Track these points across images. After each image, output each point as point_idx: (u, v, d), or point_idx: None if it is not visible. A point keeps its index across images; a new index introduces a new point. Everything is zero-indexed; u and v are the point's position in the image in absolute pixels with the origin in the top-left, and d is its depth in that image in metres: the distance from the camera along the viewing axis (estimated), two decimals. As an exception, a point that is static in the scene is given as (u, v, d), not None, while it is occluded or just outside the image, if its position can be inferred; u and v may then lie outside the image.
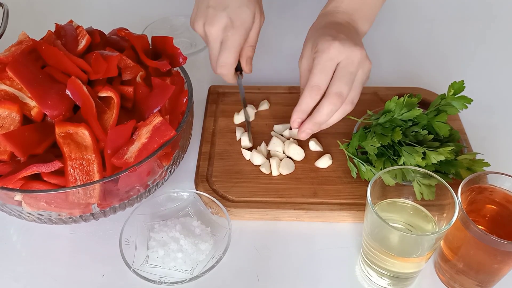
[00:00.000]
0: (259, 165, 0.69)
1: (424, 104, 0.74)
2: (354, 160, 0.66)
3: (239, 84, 0.74)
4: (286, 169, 0.68)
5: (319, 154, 0.70)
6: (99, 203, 0.58)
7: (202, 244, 0.59)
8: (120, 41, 0.69)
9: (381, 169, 0.63)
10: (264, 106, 0.78)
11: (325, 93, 0.61)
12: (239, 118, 0.76)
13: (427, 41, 0.95)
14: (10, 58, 0.59)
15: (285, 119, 0.76)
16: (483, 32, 0.98)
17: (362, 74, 0.62)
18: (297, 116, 0.63)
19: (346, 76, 0.60)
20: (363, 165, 0.65)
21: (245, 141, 0.72)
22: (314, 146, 0.71)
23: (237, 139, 0.73)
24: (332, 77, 0.61)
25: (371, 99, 0.78)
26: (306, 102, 0.62)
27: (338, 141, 0.70)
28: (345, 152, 0.68)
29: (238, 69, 0.72)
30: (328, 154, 0.70)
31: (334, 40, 0.61)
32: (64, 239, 0.63)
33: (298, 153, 0.69)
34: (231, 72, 0.69)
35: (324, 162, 0.69)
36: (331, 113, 0.62)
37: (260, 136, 0.73)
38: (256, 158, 0.69)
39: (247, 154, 0.70)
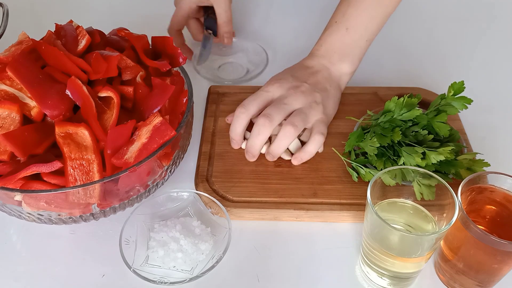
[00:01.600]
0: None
1: (424, 104, 0.74)
2: (352, 164, 0.66)
3: (206, 42, 0.80)
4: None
5: (320, 155, 0.70)
6: (99, 203, 0.58)
7: (202, 244, 0.59)
8: (120, 41, 0.69)
9: (381, 169, 0.63)
10: None
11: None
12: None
13: (427, 41, 0.95)
14: (10, 58, 0.59)
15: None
16: (483, 32, 0.98)
17: (311, 111, 0.68)
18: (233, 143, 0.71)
19: (277, 104, 0.67)
20: (362, 168, 0.65)
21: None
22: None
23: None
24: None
25: (371, 99, 0.78)
26: (235, 121, 0.70)
27: (333, 148, 0.70)
28: (343, 159, 0.68)
29: (208, 28, 0.76)
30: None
31: (278, 80, 0.70)
32: (64, 239, 0.63)
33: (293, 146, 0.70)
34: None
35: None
36: (260, 136, 0.67)
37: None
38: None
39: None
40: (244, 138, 0.71)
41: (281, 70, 0.74)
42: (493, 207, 0.55)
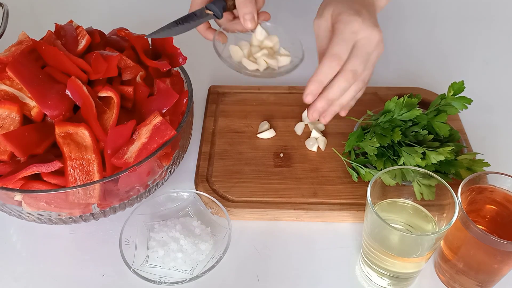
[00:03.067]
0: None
1: (424, 104, 0.74)
2: (352, 164, 0.66)
3: (185, 19, 0.69)
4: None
5: (320, 155, 0.70)
6: (99, 203, 0.58)
7: (202, 244, 0.59)
8: (120, 41, 0.69)
9: (381, 169, 0.63)
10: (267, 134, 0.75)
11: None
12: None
13: (427, 41, 0.95)
14: (10, 58, 0.59)
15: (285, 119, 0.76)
16: (483, 32, 0.98)
17: (376, 56, 0.61)
18: (313, 87, 0.60)
19: (363, 55, 0.59)
20: (362, 168, 0.65)
21: None
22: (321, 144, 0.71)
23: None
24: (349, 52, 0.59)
25: (371, 99, 0.78)
26: (324, 72, 0.59)
27: (333, 148, 0.70)
28: (343, 159, 0.68)
29: (209, 8, 0.69)
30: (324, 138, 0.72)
31: (358, 16, 0.59)
32: (64, 239, 0.63)
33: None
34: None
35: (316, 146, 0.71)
36: (344, 91, 0.60)
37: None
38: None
39: None
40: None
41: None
42: (493, 207, 0.55)
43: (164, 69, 0.66)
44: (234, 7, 0.72)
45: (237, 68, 0.69)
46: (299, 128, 0.74)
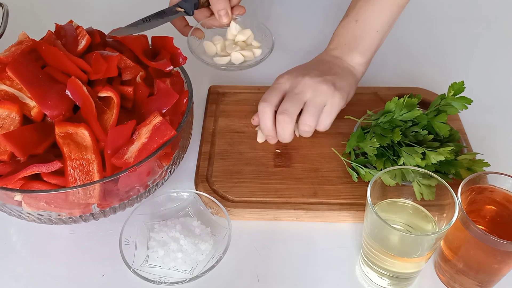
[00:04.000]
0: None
1: (424, 104, 0.74)
2: (352, 164, 0.66)
3: (156, 16, 0.73)
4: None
5: (320, 155, 0.70)
6: (99, 203, 0.58)
7: (202, 244, 0.59)
8: (119, 45, 0.68)
9: (381, 169, 0.63)
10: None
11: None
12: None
13: (427, 41, 0.95)
14: (10, 58, 0.59)
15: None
16: (483, 32, 0.98)
17: (330, 106, 0.67)
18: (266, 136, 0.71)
19: (290, 97, 0.67)
20: (362, 168, 0.65)
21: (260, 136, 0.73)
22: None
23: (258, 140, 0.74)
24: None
25: (371, 99, 0.78)
26: (261, 117, 0.69)
27: (333, 148, 0.70)
28: (343, 160, 0.68)
29: (181, 6, 0.72)
30: None
31: (286, 72, 0.71)
32: (64, 239, 0.63)
33: None
34: None
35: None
36: (284, 131, 0.68)
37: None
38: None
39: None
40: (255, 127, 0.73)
41: (281, 70, 0.73)
42: (493, 207, 0.55)
43: (167, 69, 0.65)
44: (208, 4, 0.77)
45: (211, 63, 0.75)
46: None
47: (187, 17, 0.78)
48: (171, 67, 0.66)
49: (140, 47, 0.67)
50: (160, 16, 0.75)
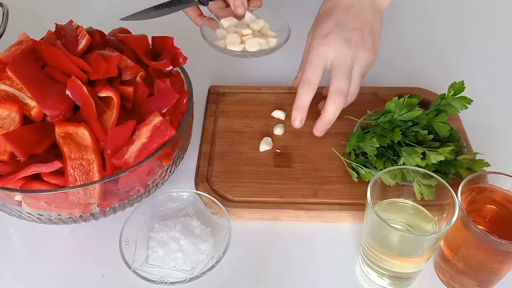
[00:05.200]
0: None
1: (424, 104, 0.74)
2: (352, 164, 0.66)
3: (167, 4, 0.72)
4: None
5: (320, 155, 0.70)
6: (99, 203, 0.58)
7: (202, 244, 0.59)
8: (119, 44, 0.69)
9: (381, 169, 0.63)
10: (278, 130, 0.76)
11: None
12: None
13: (427, 41, 0.95)
14: (10, 58, 0.59)
15: (287, 119, 0.76)
16: (483, 32, 0.98)
17: (358, 67, 0.65)
18: (296, 114, 0.66)
19: (342, 73, 0.63)
20: (362, 168, 0.65)
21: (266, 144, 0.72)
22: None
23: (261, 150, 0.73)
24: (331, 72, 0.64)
25: (371, 99, 0.78)
26: (300, 98, 0.65)
27: (333, 149, 0.70)
28: (343, 160, 0.68)
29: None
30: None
31: (325, 38, 0.64)
32: (64, 239, 0.63)
33: None
34: None
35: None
36: (338, 110, 0.65)
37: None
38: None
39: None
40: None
41: (281, 70, 0.73)
42: (493, 207, 0.55)
43: (166, 69, 0.65)
44: None
45: (223, 50, 0.73)
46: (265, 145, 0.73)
47: (201, 7, 0.77)
48: (171, 67, 0.66)
49: (141, 47, 0.67)
50: (173, 4, 0.74)
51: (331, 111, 0.65)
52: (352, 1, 0.67)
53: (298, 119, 0.66)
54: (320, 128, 0.67)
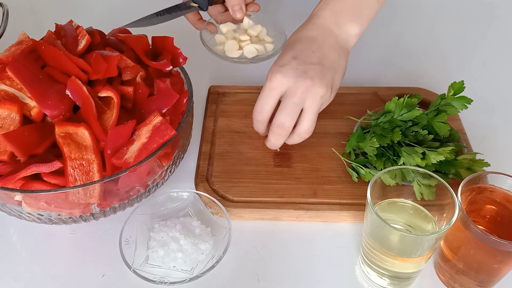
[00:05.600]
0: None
1: (424, 104, 0.74)
2: (352, 164, 0.66)
3: (167, 11, 0.74)
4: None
5: (320, 155, 0.70)
6: (99, 203, 0.58)
7: (202, 244, 0.59)
8: (119, 44, 0.69)
9: (381, 169, 0.63)
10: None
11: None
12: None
13: (427, 41, 0.95)
14: (10, 58, 0.59)
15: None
16: (483, 32, 0.98)
17: (313, 103, 0.62)
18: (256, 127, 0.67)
19: (287, 107, 0.62)
20: (362, 168, 0.65)
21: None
22: None
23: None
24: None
25: (371, 99, 0.78)
26: (255, 126, 0.67)
27: (333, 149, 0.70)
28: (342, 160, 0.68)
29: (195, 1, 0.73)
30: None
31: (280, 68, 0.62)
32: (64, 239, 0.63)
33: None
34: None
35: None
36: (279, 141, 0.65)
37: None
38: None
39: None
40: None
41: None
42: (493, 207, 0.55)
43: (166, 69, 0.65)
44: (223, 1, 0.78)
45: (222, 56, 0.75)
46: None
47: (200, 12, 0.79)
48: (170, 67, 0.66)
49: (141, 47, 0.67)
50: (173, 10, 0.75)
51: (272, 141, 0.65)
52: (316, 34, 0.64)
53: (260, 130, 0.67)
54: (273, 145, 0.67)
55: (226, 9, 0.78)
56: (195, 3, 0.74)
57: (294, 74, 0.61)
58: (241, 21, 0.77)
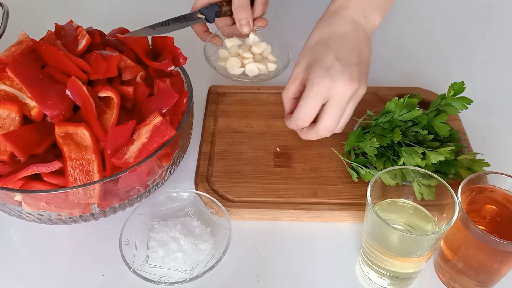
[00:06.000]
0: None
1: (424, 104, 0.74)
2: (352, 164, 0.66)
3: (172, 21, 0.73)
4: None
5: (320, 155, 0.70)
6: (99, 203, 0.58)
7: (202, 244, 0.59)
8: (119, 44, 0.69)
9: (381, 169, 0.63)
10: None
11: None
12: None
13: (427, 41, 0.95)
14: (10, 58, 0.59)
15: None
16: (483, 32, 0.98)
17: (353, 103, 0.62)
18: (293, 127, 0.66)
19: (335, 112, 0.61)
20: (362, 168, 0.65)
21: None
22: None
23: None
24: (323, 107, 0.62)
25: (371, 99, 0.78)
26: (292, 127, 0.66)
27: (333, 149, 0.70)
28: (343, 160, 0.68)
29: (203, 13, 0.73)
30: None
31: (326, 75, 0.60)
32: (64, 239, 0.63)
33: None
34: None
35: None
36: (318, 138, 0.65)
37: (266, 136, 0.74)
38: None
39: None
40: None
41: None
42: (493, 207, 0.55)
43: (168, 69, 0.65)
44: (230, 14, 0.75)
45: (223, 73, 0.75)
46: None
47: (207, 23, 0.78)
48: (172, 67, 0.66)
49: (141, 47, 0.67)
50: (179, 21, 0.74)
51: (312, 137, 0.65)
52: (348, 30, 0.63)
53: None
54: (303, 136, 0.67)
55: (234, 22, 0.77)
56: (202, 14, 0.74)
57: (342, 78, 0.60)
58: (248, 35, 0.76)
